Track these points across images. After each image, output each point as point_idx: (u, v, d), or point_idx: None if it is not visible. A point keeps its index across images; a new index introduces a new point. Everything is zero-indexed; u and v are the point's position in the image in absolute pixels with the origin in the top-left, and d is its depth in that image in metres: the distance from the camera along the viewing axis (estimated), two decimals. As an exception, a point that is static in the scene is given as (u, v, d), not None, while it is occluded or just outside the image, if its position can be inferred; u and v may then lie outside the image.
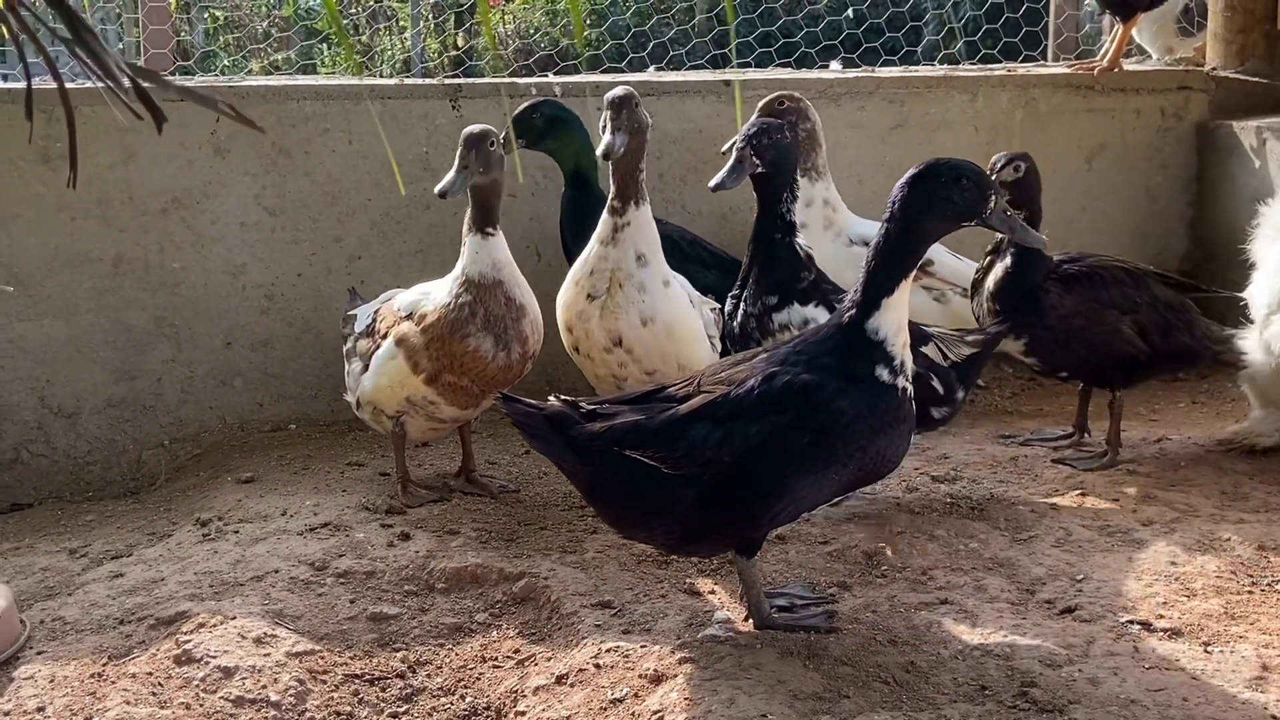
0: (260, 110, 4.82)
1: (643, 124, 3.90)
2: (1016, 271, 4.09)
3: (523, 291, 3.93)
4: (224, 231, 4.86)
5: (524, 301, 3.91)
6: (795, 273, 3.75)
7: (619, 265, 3.92)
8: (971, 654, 2.93)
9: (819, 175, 4.68)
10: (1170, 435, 4.43)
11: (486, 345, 3.83)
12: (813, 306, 3.73)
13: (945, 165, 2.92)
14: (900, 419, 2.93)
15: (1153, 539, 3.56)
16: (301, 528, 3.75)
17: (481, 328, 3.83)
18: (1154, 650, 2.93)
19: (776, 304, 3.74)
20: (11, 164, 4.55)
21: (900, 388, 2.92)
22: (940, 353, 3.75)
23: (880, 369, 2.90)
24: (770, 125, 3.71)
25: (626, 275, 3.90)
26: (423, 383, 3.89)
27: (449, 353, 3.83)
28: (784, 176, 3.71)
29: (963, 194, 2.91)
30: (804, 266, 3.77)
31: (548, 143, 4.66)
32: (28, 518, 4.44)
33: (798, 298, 3.74)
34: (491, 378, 3.89)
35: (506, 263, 3.89)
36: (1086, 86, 5.50)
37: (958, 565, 3.44)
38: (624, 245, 3.89)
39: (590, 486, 3.06)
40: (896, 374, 2.91)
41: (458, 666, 3.14)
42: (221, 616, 3.17)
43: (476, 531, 3.75)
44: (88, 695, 2.93)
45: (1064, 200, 5.50)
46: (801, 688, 2.77)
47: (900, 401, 2.92)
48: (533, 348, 3.96)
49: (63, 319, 4.74)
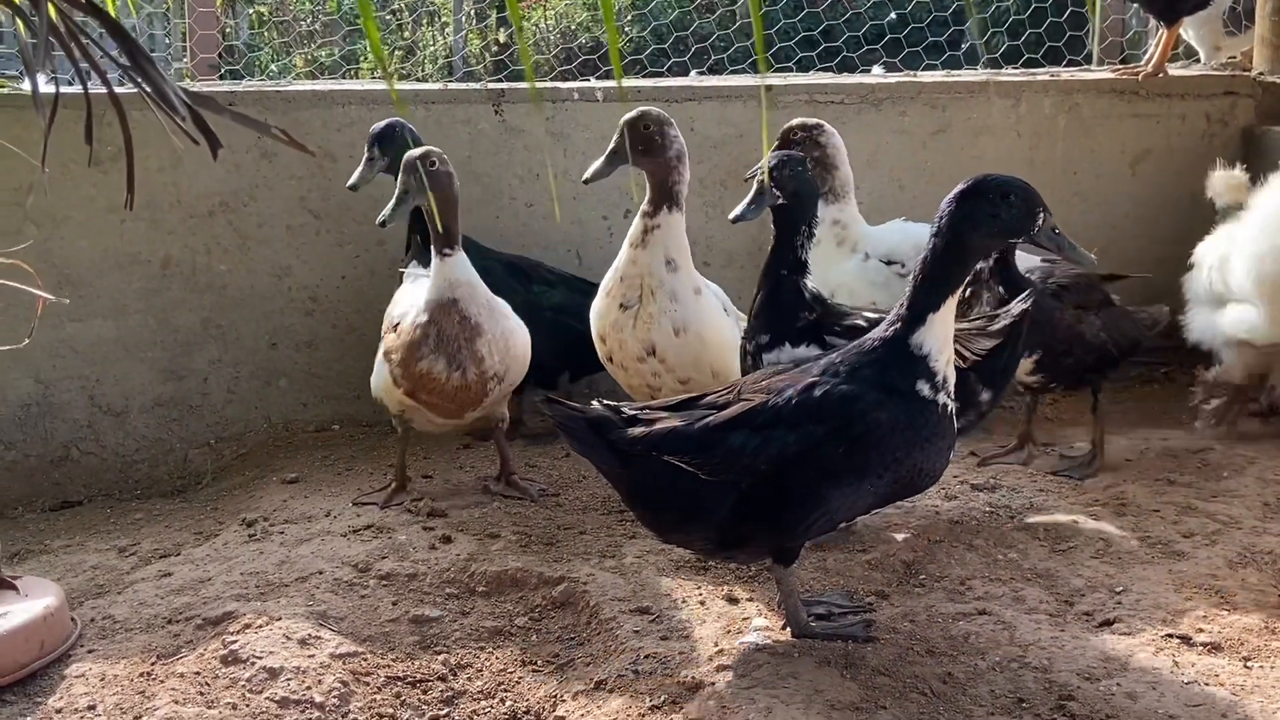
0: (306, 114, 4.88)
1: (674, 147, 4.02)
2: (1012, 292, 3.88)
3: (483, 310, 3.87)
4: (270, 234, 4.93)
5: (480, 320, 3.85)
6: (795, 313, 3.56)
7: (649, 271, 3.96)
8: (1009, 666, 2.94)
9: (836, 198, 4.64)
10: (1213, 446, 4.40)
11: (439, 367, 3.85)
12: (804, 348, 3.52)
13: (993, 182, 2.92)
14: (939, 435, 2.94)
15: (1193, 551, 3.54)
16: (345, 529, 3.81)
17: (434, 349, 3.84)
18: (1193, 665, 2.93)
19: (768, 343, 3.57)
20: (63, 167, 4.63)
21: (941, 404, 2.93)
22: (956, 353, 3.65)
23: (921, 384, 2.91)
24: (793, 157, 3.62)
25: (658, 283, 3.93)
26: (403, 395, 3.97)
27: (410, 375, 3.90)
28: (804, 210, 3.58)
29: (1010, 211, 2.91)
30: (806, 307, 3.57)
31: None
32: (78, 515, 4.52)
33: (791, 338, 3.54)
34: (453, 397, 3.90)
35: (464, 282, 3.86)
36: (1131, 91, 5.46)
37: (996, 575, 3.44)
38: (654, 248, 3.93)
39: (630, 490, 3.10)
40: (938, 390, 2.93)
41: (498, 670, 3.18)
42: (267, 617, 3.22)
43: (517, 535, 3.78)
44: (137, 694, 2.99)
45: (1108, 206, 5.48)
46: (839, 697, 2.78)
47: (940, 417, 2.93)
48: (492, 368, 3.89)
49: (112, 319, 4.82)
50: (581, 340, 4.32)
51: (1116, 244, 5.46)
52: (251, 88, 5.07)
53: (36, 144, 4.08)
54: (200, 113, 1.78)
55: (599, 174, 4.13)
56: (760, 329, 3.59)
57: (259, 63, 9.16)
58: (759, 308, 3.60)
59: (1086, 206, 5.48)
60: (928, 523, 3.79)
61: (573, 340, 4.49)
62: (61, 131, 4.38)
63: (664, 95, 5.15)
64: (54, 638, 3.18)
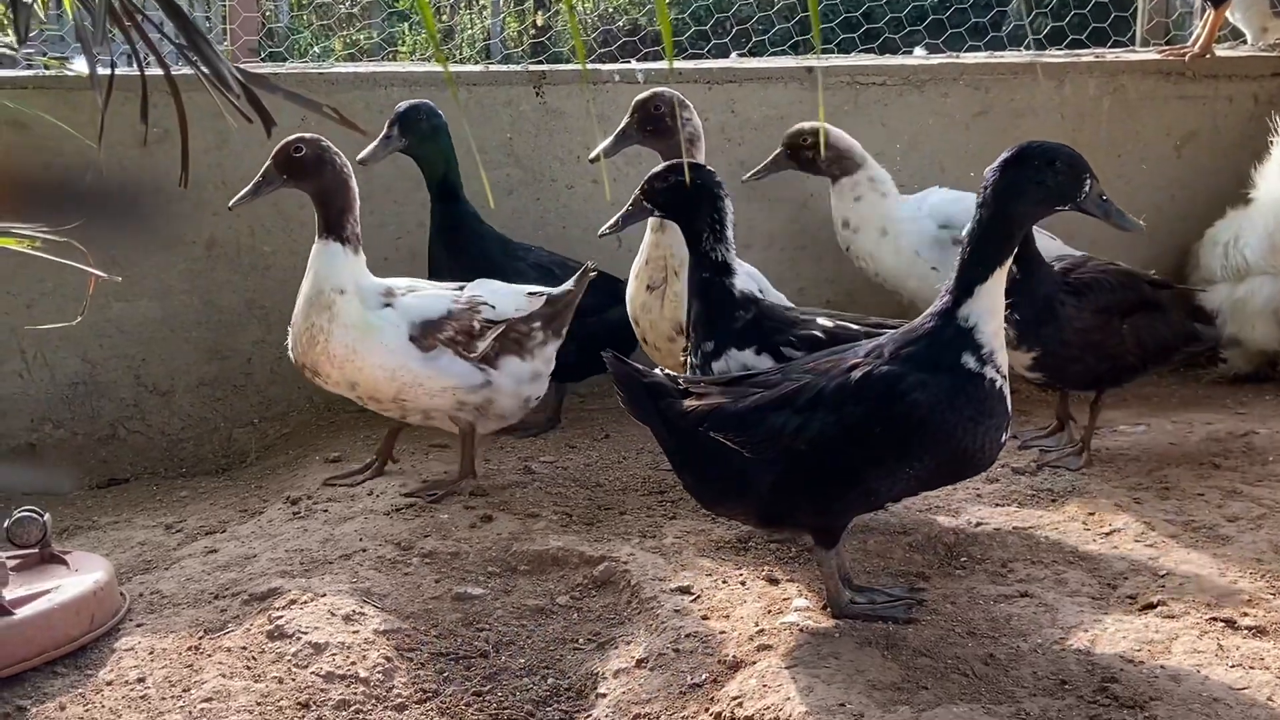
0: (349, 96, 4.91)
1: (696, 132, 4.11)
2: (1027, 279, 3.84)
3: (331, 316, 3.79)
4: (312, 215, 4.92)
5: (317, 327, 3.81)
6: (729, 313, 3.49)
7: (671, 251, 3.98)
8: (1051, 648, 2.93)
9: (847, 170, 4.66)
10: (1258, 429, 4.36)
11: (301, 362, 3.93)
12: (753, 352, 3.44)
13: (1039, 149, 2.90)
14: (985, 412, 2.90)
15: (1238, 535, 3.52)
16: (387, 508, 3.84)
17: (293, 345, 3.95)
18: (1238, 648, 2.91)
19: (713, 350, 3.49)
20: (110, 149, 4.68)
21: (988, 378, 2.89)
22: None
23: (967, 356, 2.88)
24: (671, 167, 3.54)
25: (680, 261, 3.95)
26: None
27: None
28: (689, 218, 3.51)
29: (1056, 178, 2.89)
30: (739, 306, 3.49)
31: (425, 147, 4.52)
32: (125, 493, 4.59)
33: (734, 341, 3.47)
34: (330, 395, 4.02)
35: (322, 278, 3.82)
36: (1177, 73, 5.41)
37: (1038, 558, 3.43)
38: (674, 228, 3.93)
39: (677, 457, 3.15)
40: (985, 362, 2.89)
41: (540, 647, 3.20)
42: (312, 594, 3.26)
43: (558, 515, 3.81)
44: (185, 667, 3.03)
45: (1152, 188, 5.43)
46: (880, 678, 2.79)
47: (988, 392, 2.89)
48: (297, 358, 3.88)
49: (158, 300, 4.88)
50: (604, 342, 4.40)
51: (1162, 227, 5.42)
52: (295, 69, 5.11)
53: (84, 126, 4.14)
54: (254, 91, 1.80)
55: (607, 152, 4.16)
56: (703, 337, 3.51)
57: (299, 46, 9.21)
58: (694, 318, 3.54)
59: (1131, 189, 5.43)
60: (969, 505, 3.78)
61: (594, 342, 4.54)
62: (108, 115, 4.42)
63: (705, 77, 5.15)
64: (104, 612, 3.23)
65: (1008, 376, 2.94)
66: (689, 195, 3.49)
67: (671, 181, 3.51)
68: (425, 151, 4.50)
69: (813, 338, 3.43)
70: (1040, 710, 2.67)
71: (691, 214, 3.51)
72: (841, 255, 4.94)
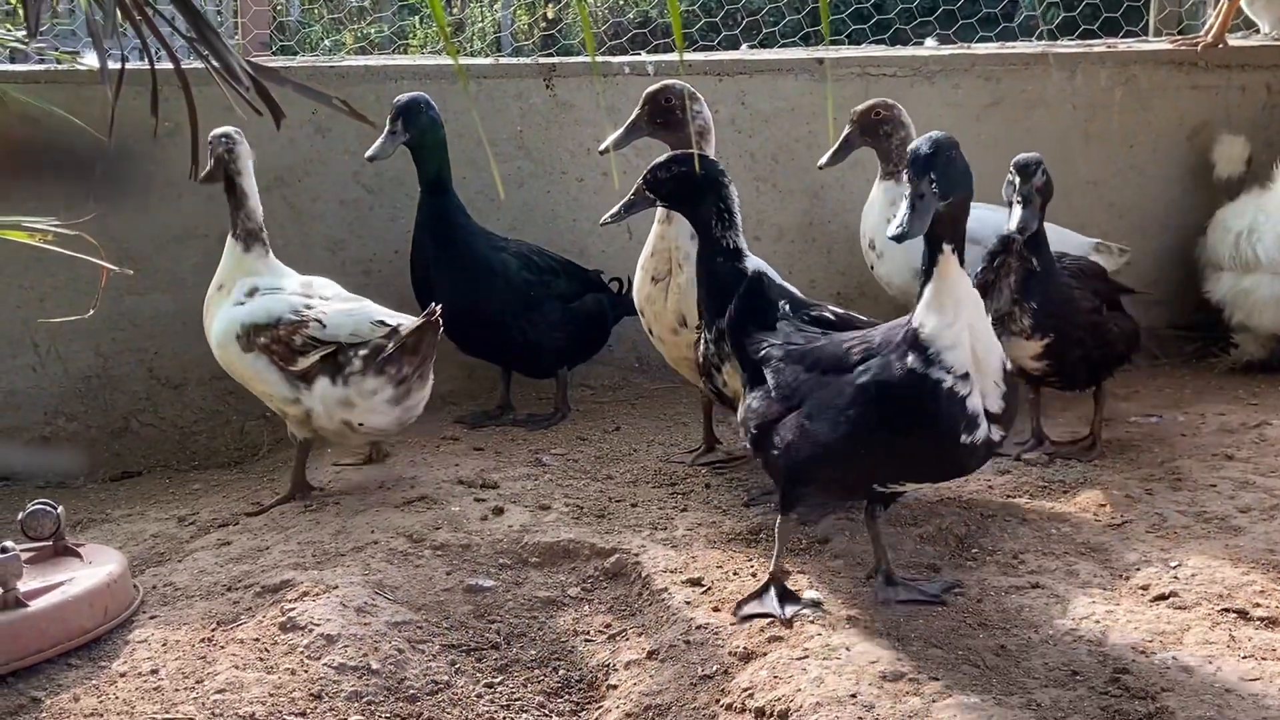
0: (359, 89, 4.92)
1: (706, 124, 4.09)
2: (1043, 265, 3.85)
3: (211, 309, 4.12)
4: (324, 208, 4.98)
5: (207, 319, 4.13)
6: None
7: (676, 244, 3.99)
8: (1062, 639, 2.93)
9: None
10: (1271, 420, 4.34)
11: None
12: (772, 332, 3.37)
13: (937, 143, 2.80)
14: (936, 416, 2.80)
15: (1250, 525, 3.51)
16: (399, 500, 3.85)
17: None
18: (1250, 639, 2.90)
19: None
20: (122, 142, 4.68)
21: (934, 379, 2.78)
22: None
23: (912, 357, 2.82)
24: (675, 158, 3.52)
25: (684, 254, 3.96)
26: None
27: None
28: (695, 207, 3.50)
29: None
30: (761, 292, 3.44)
31: (426, 140, 4.48)
32: (138, 485, 4.60)
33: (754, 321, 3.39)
34: None
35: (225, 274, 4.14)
36: (1189, 63, 5.38)
37: (1049, 549, 3.43)
38: (679, 221, 3.95)
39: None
40: (930, 363, 2.79)
41: (551, 639, 3.21)
42: (324, 586, 3.27)
43: (569, 507, 3.81)
44: (198, 659, 3.05)
45: (1165, 179, 5.41)
46: (891, 668, 2.79)
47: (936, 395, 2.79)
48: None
49: (170, 293, 4.89)
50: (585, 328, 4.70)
51: (1174, 218, 5.40)
52: (305, 63, 5.12)
53: (95, 120, 4.15)
54: (264, 84, 1.81)
55: (617, 144, 4.16)
56: (717, 314, 3.51)
57: (310, 39, 9.22)
58: (707, 300, 3.56)
59: (1143, 180, 5.42)
60: (981, 497, 3.78)
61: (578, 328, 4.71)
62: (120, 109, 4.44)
63: (715, 69, 5.14)
64: (117, 604, 3.25)
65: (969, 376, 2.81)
66: (692, 185, 3.49)
67: (674, 171, 3.51)
68: (426, 144, 4.48)
69: (824, 319, 3.45)
70: (1051, 701, 2.67)
71: (695, 203, 3.52)
72: (853, 248, 4.93)
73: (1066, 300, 3.93)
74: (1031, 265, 3.85)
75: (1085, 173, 5.36)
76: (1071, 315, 3.94)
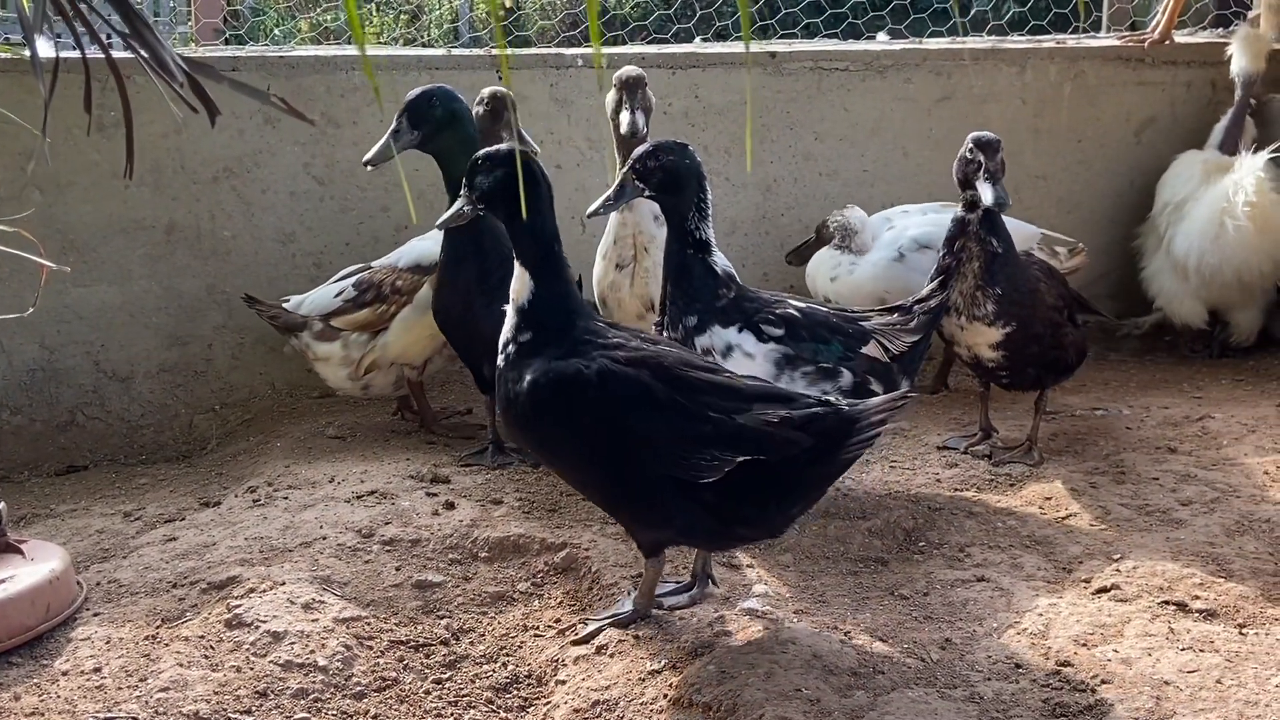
0: (310, 80, 4.88)
1: (651, 105, 4.04)
2: (1003, 246, 3.85)
3: None
4: (274, 200, 4.93)
5: None
6: (713, 291, 3.52)
7: (639, 229, 4.03)
8: (1006, 632, 2.96)
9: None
10: (1213, 414, 4.41)
11: None
12: (736, 330, 3.51)
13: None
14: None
15: (1191, 519, 3.56)
16: (348, 495, 3.83)
17: None
18: (1189, 631, 2.95)
19: (696, 325, 3.52)
20: (67, 132, 4.63)
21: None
22: (883, 348, 3.60)
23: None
24: (661, 146, 3.50)
25: (649, 238, 3.99)
26: None
27: None
28: (679, 195, 3.49)
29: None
30: (722, 284, 3.54)
31: (443, 139, 4.01)
32: (83, 480, 4.55)
33: (718, 319, 3.51)
34: None
35: None
36: (1137, 59, 5.45)
37: (995, 542, 3.46)
38: (640, 207, 3.96)
39: None
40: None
41: (500, 635, 3.21)
42: (271, 582, 3.25)
43: (519, 501, 3.81)
44: (142, 657, 3.02)
45: (1112, 174, 5.47)
46: (836, 663, 2.81)
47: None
48: None
49: (117, 285, 4.83)
50: None
51: (1122, 212, 5.47)
52: (255, 53, 5.06)
53: (40, 111, 4.08)
54: (199, 80, 1.78)
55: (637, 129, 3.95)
56: (683, 311, 3.53)
57: (264, 27, 9.12)
58: (673, 293, 3.55)
59: (1091, 174, 5.48)
60: (929, 490, 3.81)
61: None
62: (65, 97, 4.38)
63: (668, 62, 5.14)
64: (59, 601, 3.21)
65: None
66: (681, 175, 3.50)
67: (663, 161, 3.50)
68: (444, 143, 4.00)
69: (790, 316, 3.52)
70: (994, 694, 2.70)
71: (681, 193, 3.51)
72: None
73: (1031, 291, 3.92)
74: (991, 246, 3.85)
75: (1034, 167, 5.41)
76: (1035, 308, 3.92)
